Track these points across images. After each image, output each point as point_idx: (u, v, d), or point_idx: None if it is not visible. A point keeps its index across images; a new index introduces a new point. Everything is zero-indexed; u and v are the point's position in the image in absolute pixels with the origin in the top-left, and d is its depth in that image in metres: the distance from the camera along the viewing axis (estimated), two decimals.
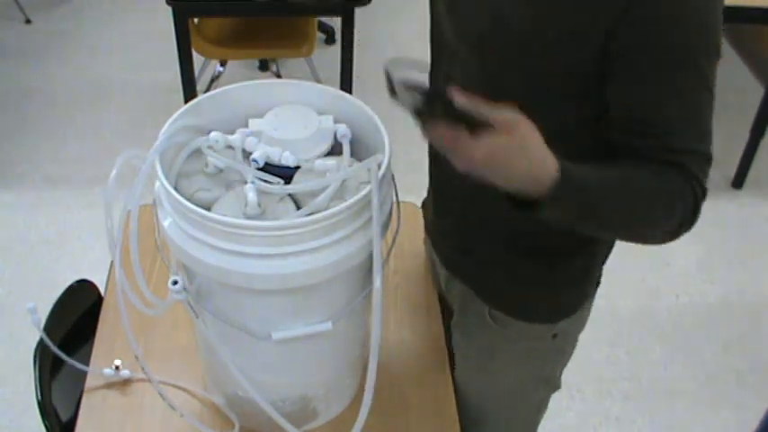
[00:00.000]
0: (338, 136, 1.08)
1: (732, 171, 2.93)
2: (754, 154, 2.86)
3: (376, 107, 1.07)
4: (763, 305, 2.53)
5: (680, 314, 2.46)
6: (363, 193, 0.95)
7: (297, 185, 1.01)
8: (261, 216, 0.99)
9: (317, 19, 2.94)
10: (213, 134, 1.07)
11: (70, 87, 3.28)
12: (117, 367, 1.23)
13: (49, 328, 1.26)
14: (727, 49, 3.66)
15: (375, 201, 0.94)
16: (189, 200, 0.99)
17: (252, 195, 0.98)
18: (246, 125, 1.10)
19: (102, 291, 1.38)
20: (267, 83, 1.14)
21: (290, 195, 1.03)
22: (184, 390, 1.21)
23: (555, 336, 1.21)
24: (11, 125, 3.06)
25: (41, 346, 1.23)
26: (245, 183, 1.02)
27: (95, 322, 1.30)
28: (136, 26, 3.66)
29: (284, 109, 1.10)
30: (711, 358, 2.34)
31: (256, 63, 3.37)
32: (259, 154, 1.02)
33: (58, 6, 3.79)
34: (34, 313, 1.18)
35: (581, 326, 1.25)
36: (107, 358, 1.24)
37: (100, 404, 1.18)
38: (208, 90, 2.84)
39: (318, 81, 3.30)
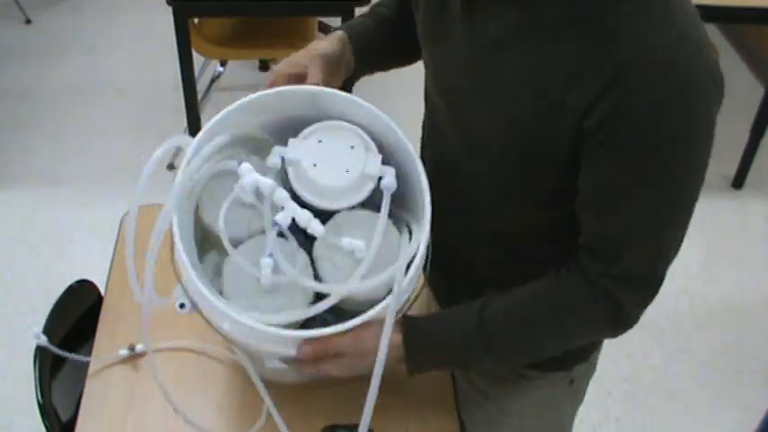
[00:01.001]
0: (381, 185, 1.00)
1: (732, 171, 2.93)
2: (754, 154, 2.86)
3: (375, 107, 1.05)
4: (763, 305, 2.53)
5: (680, 314, 2.46)
6: (382, 306, 0.94)
7: (312, 285, 0.97)
8: (273, 287, 0.98)
9: (317, 19, 2.94)
10: (245, 168, 0.99)
11: (70, 87, 3.28)
12: (132, 347, 1.24)
13: (49, 328, 1.27)
14: (727, 49, 3.66)
15: (388, 327, 0.94)
16: (206, 226, 1.00)
17: (267, 272, 0.96)
18: (282, 139, 1.02)
19: (102, 291, 1.38)
20: (328, 92, 1.04)
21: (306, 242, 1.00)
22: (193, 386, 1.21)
23: (572, 381, 1.20)
24: (10, 125, 3.06)
25: (41, 347, 1.23)
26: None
27: (95, 322, 1.30)
28: (136, 26, 3.66)
29: (331, 134, 1.01)
30: (711, 358, 2.34)
31: (256, 63, 3.37)
32: (283, 217, 0.96)
33: (57, 6, 3.79)
34: (39, 338, 1.19)
35: (594, 367, 1.24)
36: (107, 358, 1.24)
37: (100, 404, 1.18)
38: (208, 90, 2.84)
39: None
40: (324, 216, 1.00)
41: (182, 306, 1.00)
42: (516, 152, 0.93)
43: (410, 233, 1.03)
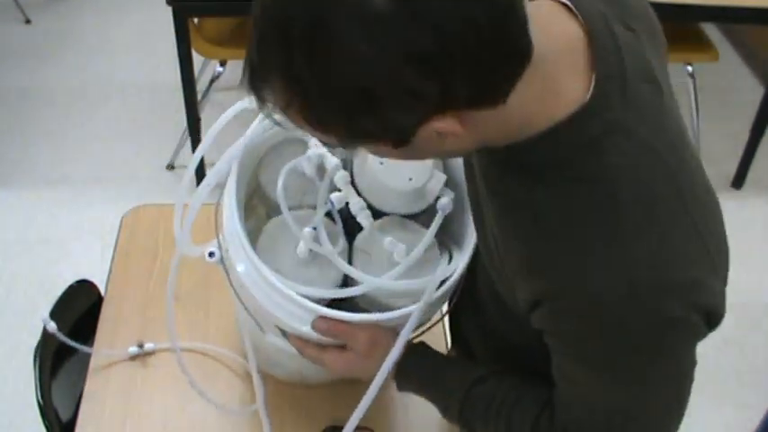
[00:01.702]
0: (438, 204, 1.00)
1: (732, 171, 2.92)
2: (754, 154, 2.85)
3: None
4: (763, 305, 2.53)
5: None
6: (407, 310, 0.94)
7: (345, 267, 0.97)
8: (305, 260, 0.98)
9: None
10: (314, 141, 1.01)
11: (70, 87, 3.28)
12: (141, 345, 1.24)
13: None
14: (727, 49, 3.66)
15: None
16: (260, 185, 0.99)
17: (303, 245, 0.97)
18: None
19: (102, 291, 1.38)
20: None
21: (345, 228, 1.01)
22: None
23: None
24: (11, 125, 3.06)
25: (41, 346, 1.23)
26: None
27: (95, 322, 1.30)
28: (136, 26, 3.66)
29: None
30: (711, 358, 2.34)
31: None
32: (338, 197, 0.98)
33: (57, 6, 3.79)
34: (48, 323, 1.19)
35: None
36: (107, 358, 1.24)
37: (100, 404, 1.18)
38: (208, 90, 2.84)
39: None
40: (374, 215, 1.01)
41: (211, 255, 0.99)
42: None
43: (450, 258, 1.03)
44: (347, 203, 0.99)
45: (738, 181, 2.92)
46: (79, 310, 1.35)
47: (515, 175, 0.77)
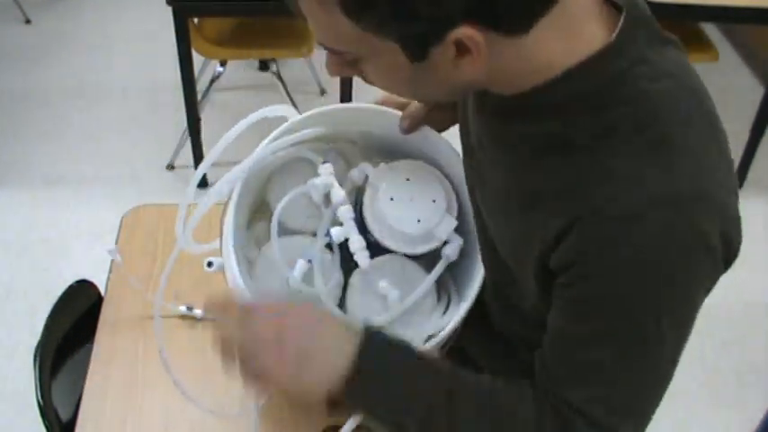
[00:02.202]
0: (443, 250, 0.98)
1: None
2: (755, 154, 2.85)
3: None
4: (763, 305, 2.53)
5: None
6: None
7: (332, 309, 0.94)
8: (297, 289, 0.97)
9: None
10: (324, 168, 0.99)
11: (70, 87, 3.28)
12: (190, 308, 1.26)
13: (49, 328, 1.27)
14: (727, 49, 3.66)
15: None
16: (267, 200, 0.99)
17: (297, 274, 0.96)
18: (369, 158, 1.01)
19: (102, 291, 1.38)
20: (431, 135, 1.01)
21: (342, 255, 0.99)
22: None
23: None
24: (10, 125, 3.06)
25: (41, 346, 1.23)
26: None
27: (95, 322, 1.30)
28: (136, 26, 3.66)
29: (422, 177, 0.97)
30: (711, 358, 2.34)
31: (256, 63, 3.37)
32: (338, 232, 0.96)
33: (57, 6, 3.79)
34: (114, 254, 1.23)
35: None
36: (107, 358, 1.24)
37: (100, 404, 1.18)
38: (208, 90, 2.84)
39: (318, 81, 3.30)
40: (376, 248, 0.98)
41: (209, 264, 0.99)
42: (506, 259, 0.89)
43: (448, 303, 1.01)
44: (346, 239, 0.97)
45: (738, 181, 2.92)
46: (79, 310, 1.35)
47: (541, 116, 0.78)
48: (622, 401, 0.80)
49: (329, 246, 0.99)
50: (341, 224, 0.97)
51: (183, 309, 1.28)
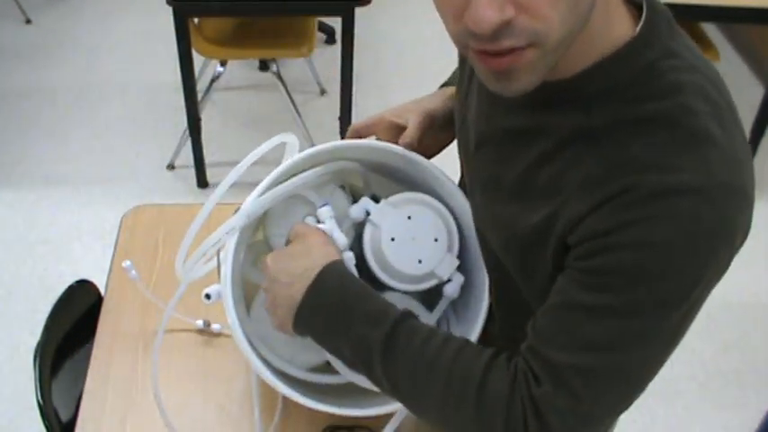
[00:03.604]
0: (444, 289, 0.99)
1: None
2: (755, 154, 2.86)
3: (375, 107, 1.05)
4: (763, 305, 2.53)
5: None
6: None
7: (329, 358, 0.96)
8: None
9: (317, 19, 2.94)
10: (324, 212, 0.99)
11: (70, 87, 3.28)
12: (208, 323, 1.26)
13: (49, 328, 1.27)
14: (727, 49, 3.66)
15: None
16: (266, 236, 0.99)
17: None
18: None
19: (102, 291, 1.38)
20: (417, 160, 1.00)
21: None
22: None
23: None
24: (11, 125, 3.06)
25: (41, 346, 1.23)
26: None
27: (95, 322, 1.30)
28: (136, 26, 3.66)
29: (423, 214, 0.97)
30: (711, 358, 2.34)
31: (256, 63, 3.38)
32: None
33: (57, 6, 3.79)
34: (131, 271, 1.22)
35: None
36: (107, 358, 1.24)
37: (100, 404, 1.18)
38: (208, 90, 2.84)
39: (318, 81, 3.31)
40: (374, 280, 0.98)
41: (207, 297, 0.99)
42: (510, 250, 0.89)
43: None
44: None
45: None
46: (79, 310, 1.35)
47: (567, 106, 0.79)
48: (606, 381, 0.77)
49: None
50: None
51: (199, 323, 1.27)
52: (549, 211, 0.80)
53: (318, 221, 1.00)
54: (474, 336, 0.98)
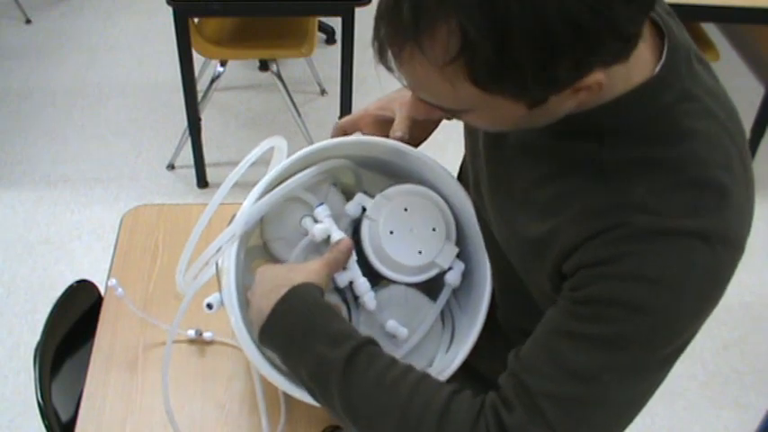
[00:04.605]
0: (445, 277, 0.98)
1: None
2: (755, 154, 2.85)
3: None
4: (763, 305, 2.53)
5: None
6: None
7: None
8: None
9: (317, 19, 2.93)
10: (321, 212, 0.99)
11: (70, 87, 3.28)
12: (200, 332, 1.25)
13: (49, 328, 1.27)
14: (727, 49, 3.66)
15: None
16: (265, 239, 0.99)
17: None
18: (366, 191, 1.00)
19: (102, 291, 1.38)
20: (413, 153, 0.99)
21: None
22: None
23: None
24: (11, 125, 3.06)
25: (41, 346, 1.23)
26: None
27: (95, 322, 1.30)
28: (136, 26, 3.66)
29: (419, 205, 0.97)
30: (711, 358, 2.34)
31: (256, 63, 3.37)
32: (342, 278, 0.96)
33: (57, 6, 3.79)
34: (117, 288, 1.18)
35: None
36: (107, 358, 1.24)
37: (100, 404, 1.18)
38: (208, 90, 2.84)
39: (319, 81, 3.31)
40: (375, 273, 0.99)
41: (209, 306, 0.99)
42: (512, 261, 0.90)
43: (452, 331, 1.01)
44: (350, 282, 0.97)
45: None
46: (79, 310, 1.35)
47: (575, 142, 0.78)
48: (583, 413, 0.76)
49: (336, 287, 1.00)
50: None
51: (191, 333, 1.27)
52: (547, 229, 0.80)
53: (316, 222, 0.99)
54: (479, 322, 0.97)
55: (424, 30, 0.63)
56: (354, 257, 0.97)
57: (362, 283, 0.97)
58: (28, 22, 3.65)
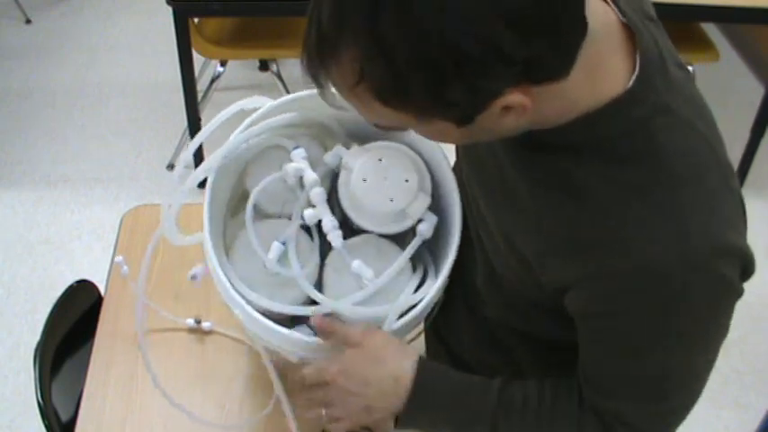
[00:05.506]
0: (417, 228, 0.99)
1: None
2: (755, 154, 2.85)
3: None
4: (763, 305, 2.53)
5: None
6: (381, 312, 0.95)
7: (307, 288, 0.97)
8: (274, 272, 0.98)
9: None
10: (296, 154, 1.01)
11: (70, 87, 3.28)
12: (198, 321, 1.26)
13: (49, 328, 1.27)
14: (727, 49, 3.66)
15: None
16: (247, 190, 1.01)
17: (272, 256, 0.97)
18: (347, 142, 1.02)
19: (102, 291, 1.38)
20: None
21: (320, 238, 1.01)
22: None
23: None
24: (11, 125, 3.06)
25: (41, 346, 1.23)
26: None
27: (95, 322, 1.30)
28: (136, 26, 3.66)
29: (394, 157, 0.98)
30: None
31: (256, 63, 3.37)
32: (310, 215, 0.98)
33: (57, 6, 3.79)
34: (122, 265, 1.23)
35: None
36: (107, 358, 1.24)
37: (100, 404, 1.18)
38: (208, 90, 2.84)
39: None
40: (353, 229, 1.00)
41: (193, 278, 1.00)
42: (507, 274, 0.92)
43: (424, 274, 1.02)
44: (320, 220, 0.98)
45: (738, 181, 2.92)
46: (79, 310, 1.35)
47: (554, 156, 0.78)
48: (658, 411, 0.90)
49: (308, 229, 1.01)
50: (315, 207, 0.99)
51: (190, 322, 1.27)
52: (530, 240, 0.82)
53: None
54: (446, 269, 0.98)
55: (330, 56, 0.67)
56: (324, 197, 0.98)
57: (330, 221, 0.98)
58: (28, 22, 3.65)
